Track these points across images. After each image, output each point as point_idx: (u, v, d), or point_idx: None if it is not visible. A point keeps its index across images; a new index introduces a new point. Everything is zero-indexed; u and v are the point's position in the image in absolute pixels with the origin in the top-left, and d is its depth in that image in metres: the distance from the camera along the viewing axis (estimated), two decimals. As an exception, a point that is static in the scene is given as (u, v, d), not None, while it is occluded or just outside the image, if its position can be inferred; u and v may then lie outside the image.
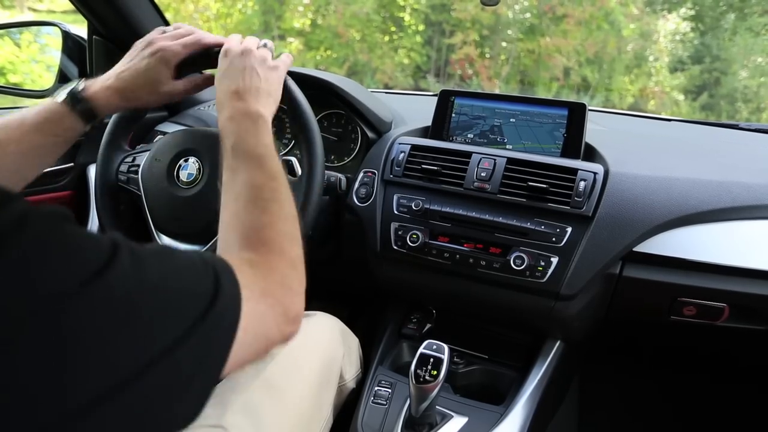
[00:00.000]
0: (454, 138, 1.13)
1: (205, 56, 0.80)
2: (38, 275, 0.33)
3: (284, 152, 1.27)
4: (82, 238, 0.38)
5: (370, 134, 1.17)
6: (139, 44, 0.81)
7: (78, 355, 0.33)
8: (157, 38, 0.81)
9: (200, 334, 0.40)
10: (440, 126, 1.15)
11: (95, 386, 0.34)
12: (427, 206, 1.01)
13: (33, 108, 0.76)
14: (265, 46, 0.79)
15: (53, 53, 1.32)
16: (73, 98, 0.76)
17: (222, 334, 0.43)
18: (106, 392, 0.34)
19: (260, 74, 0.74)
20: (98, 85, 0.78)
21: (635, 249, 0.93)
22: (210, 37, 0.83)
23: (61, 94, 0.77)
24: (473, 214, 0.98)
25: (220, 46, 0.79)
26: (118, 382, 0.35)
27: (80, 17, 1.28)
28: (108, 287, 0.36)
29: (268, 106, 0.74)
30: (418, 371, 0.81)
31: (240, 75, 0.73)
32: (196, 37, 0.81)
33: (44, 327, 0.32)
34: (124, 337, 0.36)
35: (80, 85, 0.78)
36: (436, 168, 1.02)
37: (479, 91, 1.18)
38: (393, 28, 8.52)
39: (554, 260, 0.92)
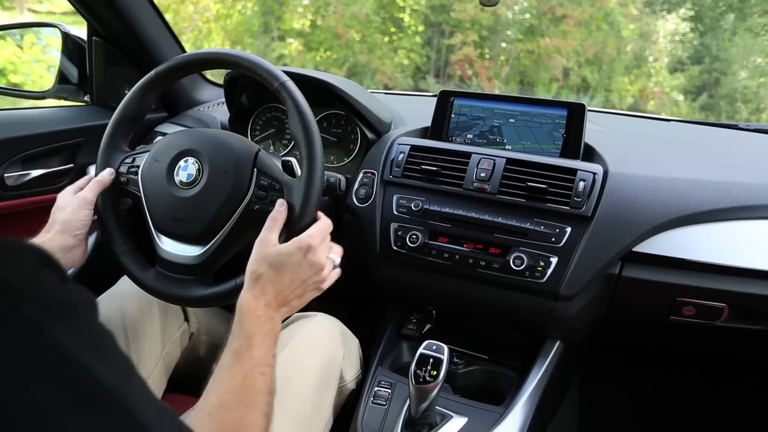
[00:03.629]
0: (454, 138, 1.14)
1: None
2: (19, 377, 0.32)
3: (284, 153, 1.27)
4: (94, 342, 0.37)
5: (369, 135, 1.17)
6: None
7: None
8: None
9: None
10: (440, 126, 1.15)
11: None
12: (426, 207, 1.01)
13: None
14: (334, 261, 0.81)
15: (54, 53, 1.33)
16: None
17: None
18: None
19: (304, 292, 0.76)
20: (36, 239, 0.82)
21: (635, 249, 0.93)
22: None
23: None
24: (473, 215, 0.98)
25: None
26: None
27: (80, 18, 1.28)
28: (104, 415, 0.35)
29: (282, 318, 0.75)
30: (418, 371, 0.81)
31: (292, 281, 0.74)
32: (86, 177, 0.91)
33: None
34: None
35: None
36: (435, 168, 1.03)
37: (479, 91, 1.19)
38: (393, 29, 8.52)
39: (554, 260, 0.93)
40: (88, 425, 0.34)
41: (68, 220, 0.83)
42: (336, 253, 0.82)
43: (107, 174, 0.90)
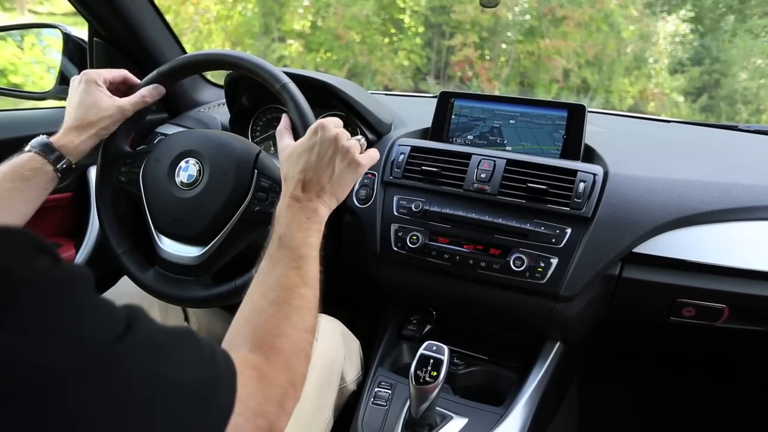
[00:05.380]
0: (454, 139, 1.14)
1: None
2: (32, 355, 0.34)
3: (284, 154, 1.27)
4: (92, 311, 0.38)
5: (370, 136, 1.17)
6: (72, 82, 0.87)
7: None
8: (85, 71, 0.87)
9: None
10: (440, 128, 1.15)
11: None
12: (426, 207, 1.01)
13: (7, 163, 0.78)
14: (360, 139, 0.79)
15: (54, 54, 1.33)
16: (44, 148, 0.80)
17: None
18: None
19: (336, 170, 0.72)
20: (59, 133, 0.83)
21: (635, 250, 0.93)
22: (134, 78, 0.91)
23: (32, 147, 0.80)
24: (473, 216, 0.98)
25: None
26: None
27: (81, 19, 1.28)
28: (110, 370, 0.37)
29: (327, 205, 0.72)
30: (418, 372, 0.81)
31: (316, 163, 0.71)
32: (121, 71, 0.90)
33: (31, 410, 0.33)
34: (113, 425, 0.36)
35: (44, 137, 0.82)
36: (435, 169, 1.03)
37: (479, 92, 1.19)
38: (393, 30, 8.52)
39: (554, 261, 0.93)
40: (101, 389, 0.36)
41: (107, 127, 0.86)
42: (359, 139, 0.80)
43: (156, 93, 0.89)
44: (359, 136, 0.80)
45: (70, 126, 0.83)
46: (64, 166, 0.81)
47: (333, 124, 0.75)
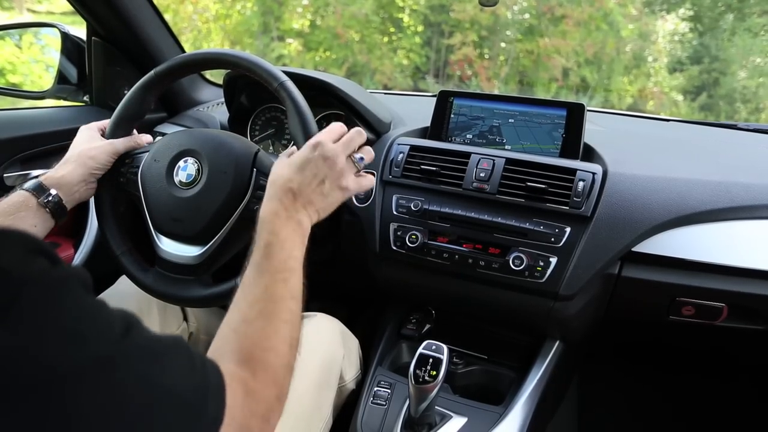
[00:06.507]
0: (453, 138, 1.14)
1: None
2: (33, 354, 0.34)
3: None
4: (90, 312, 0.39)
5: (369, 135, 1.17)
6: None
7: None
8: None
9: None
10: (439, 127, 1.15)
11: None
12: (426, 207, 1.01)
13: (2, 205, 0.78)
14: (361, 159, 0.78)
15: (53, 53, 1.33)
16: (30, 185, 0.80)
17: None
18: None
19: (324, 190, 0.73)
20: (52, 171, 0.84)
21: (634, 249, 0.93)
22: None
23: (27, 186, 0.80)
24: (472, 215, 0.98)
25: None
26: None
27: (79, 18, 1.28)
28: (107, 372, 0.37)
29: (311, 218, 0.73)
30: (418, 371, 0.81)
31: (308, 178, 0.72)
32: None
33: (28, 409, 0.33)
34: (107, 428, 0.37)
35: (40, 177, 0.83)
36: (435, 168, 1.03)
37: (478, 91, 1.19)
38: (392, 29, 8.51)
39: (553, 260, 0.93)
40: (97, 391, 0.36)
41: (95, 157, 0.86)
42: (364, 153, 0.79)
43: (145, 139, 0.93)
44: (360, 156, 0.78)
45: (60, 163, 0.86)
46: (49, 199, 0.81)
47: (333, 140, 0.75)
